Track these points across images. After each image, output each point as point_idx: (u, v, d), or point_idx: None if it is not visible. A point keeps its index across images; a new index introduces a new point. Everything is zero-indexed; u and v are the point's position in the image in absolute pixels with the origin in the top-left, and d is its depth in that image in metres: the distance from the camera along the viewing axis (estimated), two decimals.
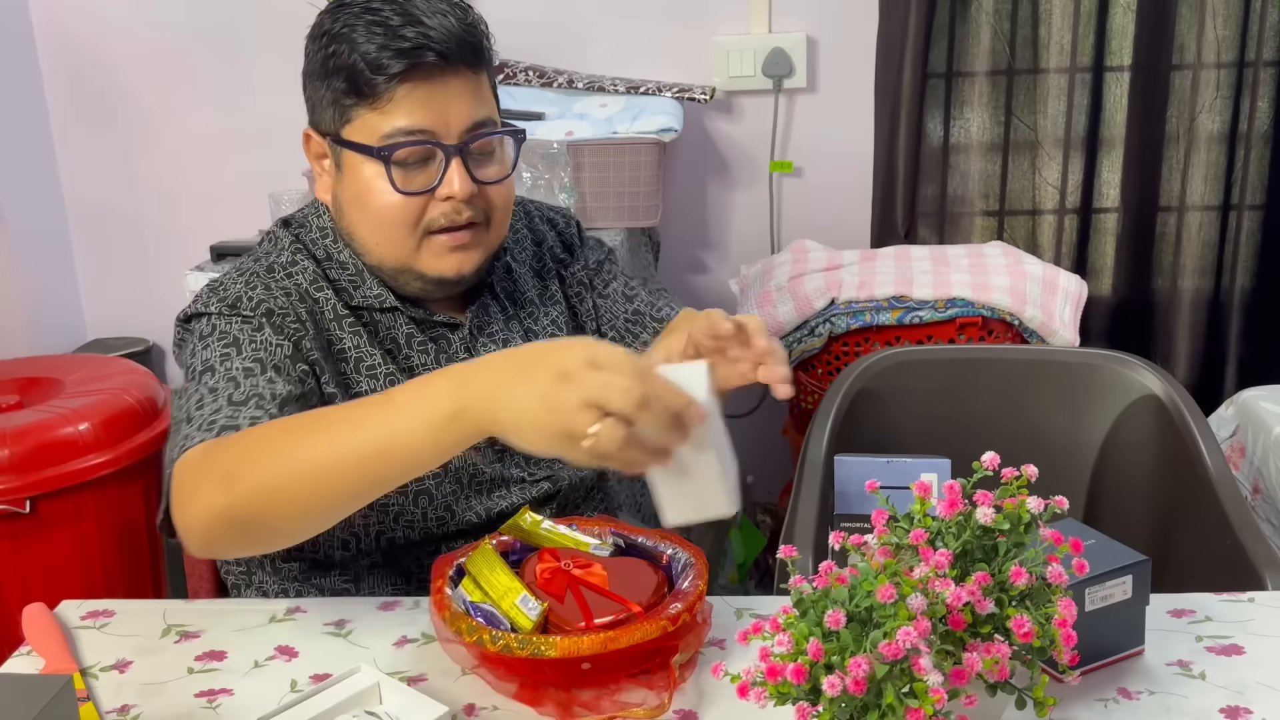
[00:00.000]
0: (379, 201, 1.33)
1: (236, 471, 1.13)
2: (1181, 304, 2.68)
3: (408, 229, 1.34)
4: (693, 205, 2.75)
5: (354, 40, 1.30)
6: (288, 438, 1.14)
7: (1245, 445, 2.18)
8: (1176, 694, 1.11)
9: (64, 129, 2.78)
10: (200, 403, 1.25)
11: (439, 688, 1.15)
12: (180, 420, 1.26)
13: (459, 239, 1.35)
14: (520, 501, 1.40)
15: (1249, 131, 2.60)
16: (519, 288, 1.50)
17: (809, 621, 0.93)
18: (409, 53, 1.28)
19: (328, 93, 1.34)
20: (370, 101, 1.31)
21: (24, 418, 2.18)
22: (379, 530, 1.37)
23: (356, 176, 1.35)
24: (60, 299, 2.83)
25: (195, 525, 1.15)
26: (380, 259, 1.38)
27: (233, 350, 1.30)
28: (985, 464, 1.01)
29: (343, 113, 1.33)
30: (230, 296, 1.35)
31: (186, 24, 2.70)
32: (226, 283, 1.37)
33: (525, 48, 2.62)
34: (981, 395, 1.87)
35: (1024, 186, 2.70)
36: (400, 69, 1.28)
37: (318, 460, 1.11)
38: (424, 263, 1.36)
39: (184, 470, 1.18)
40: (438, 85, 1.31)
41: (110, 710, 1.15)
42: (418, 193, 1.33)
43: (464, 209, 1.34)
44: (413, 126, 1.30)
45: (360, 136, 1.33)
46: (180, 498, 1.17)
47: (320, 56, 1.33)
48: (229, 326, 1.32)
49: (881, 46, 2.60)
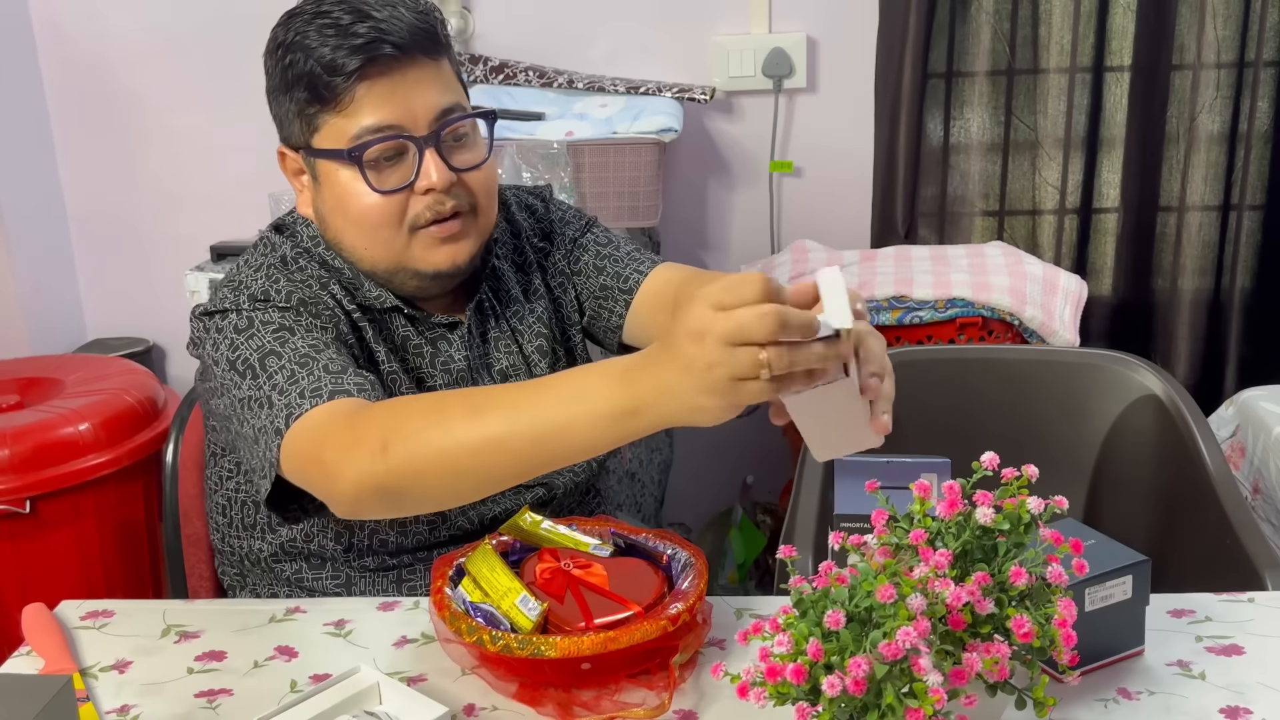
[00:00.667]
0: (359, 205, 1.32)
1: (389, 441, 1.11)
2: (1181, 304, 2.68)
3: (393, 228, 1.32)
4: (693, 205, 2.75)
5: (308, 46, 1.28)
6: (441, 416, 1.11)
7: (1245, 445, 2.18)
8: (1176, 694, 1.11)
9: (64, 130, 2.78)
10: (292, 378, 1.23)
11: (439, 688, 1.15)
12: (261, 400, 1.23)
13: (448, 229, 1.33)
14: (514, 507, 1.39)
15: (1249, 131, 2.60)
16: (503, 285, 1.47)
17: (809, 622, 0.93)
18: (363, 48, 1.27)
19: (291, 105, 1.32)
20: (333, 105, 1.29)
21: (24, 418, 2.18)
22: (372, 529, 1.37)
23: (334, 184, 1.33)
24: (60, 299, 2.83)
25: (345, 490, 1.14)
26: (373, 263, 1.36)
27: (286, 334, 1.28)
28: (985, 464, 1.01)
29: (309, 122, 1.32)
30: (257, 290, 1.33)
31: (186, 25, 2.70)
32: (244, 279, 1.35)
33: (525, 48, 2.62)
34: (981, 395, 1.87)
35: (1024, 186, 2.70)
36: (357, 65, 1.27)
37: (474, 441, 1.08)
38: (417, 259, 1.34)
39: (324, 434, 1.17)
40: (397, 77, 1.29)
41: (110, 710, 1.15)
42: (396, 190, 1.31)
43: (446, 199, 1.32)
44: (379, 123, 1.29)
45: (329, 143, 1.31)
46: (324, 463, 1.16)
47: (279, 70, 1.32)
48: (269, 316, 1.30)
49: (881, 46, 2.60)
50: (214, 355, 1.31)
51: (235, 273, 1.37)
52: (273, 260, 1.37)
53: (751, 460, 2.79)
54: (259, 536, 1.42)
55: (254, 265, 1.37)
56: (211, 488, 1.47)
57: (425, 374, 1.39)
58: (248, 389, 1.25)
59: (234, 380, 1.27)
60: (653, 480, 2.47)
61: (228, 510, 1.45)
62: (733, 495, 2.82)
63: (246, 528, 1.43)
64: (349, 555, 1.39)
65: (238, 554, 1.45)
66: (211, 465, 1.46)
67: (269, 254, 1.39)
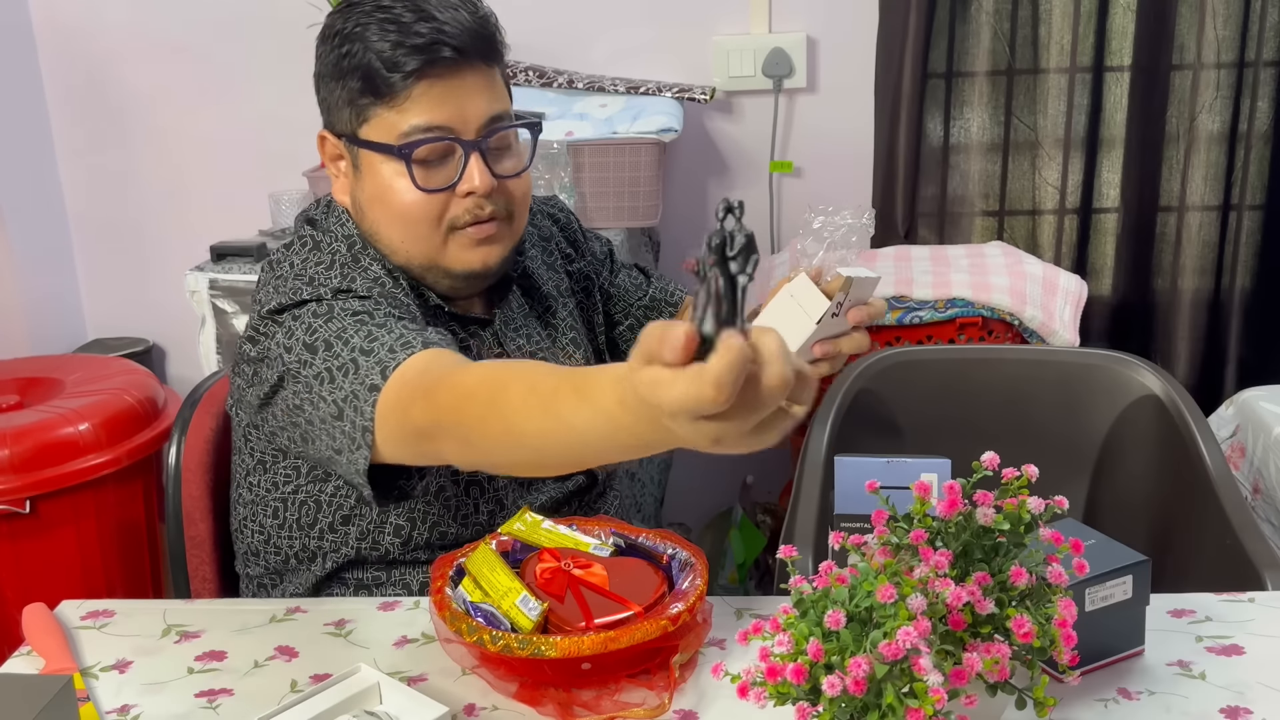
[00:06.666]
0: (400, 200, 1.33)
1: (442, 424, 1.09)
2: (1181, 304, 2.68)
3: (431, 225, 1.34)
4: (693, 205, 2.75)
5: (367, 39, 1.29)
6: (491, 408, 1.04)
7: (1245, 445, 2.18)
8: (1176, 694, 1.11)
9: (64, 129, 2.78)
10: (372, 338, 1.21)
11: (439, 688, 1.15)
12: (345, 365, 1.21)
13: (484, 231, 1.35)
14: (559, 495, 1.44)
15: (1249, 131, 2.59)
16: (534, 282, 1.51)
17: (809, 621, 0.93)
18: (424, 49, 1.28)
19: (343, 93, 1.33)
20: (387, 100, 1.30)
21: (24, 418, 2.18)
22: (434, 521, 1.38)
23: (376, 176, 1.34)
24: (60, 299, 2.83)
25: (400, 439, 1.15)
26: (408, 258, 1.36)
27: (366, 317, 1.26)
28: (985, 464, 1.01)
29: (359, 112, 1.32)
30: (332, 283, 1.32)
31: (187, 24, 2.70)
32: (310, 272, 1.33)
33: (525, 48, 2.62)
34: (981, 395, 1.87)
35: (1024, 186, 2.70)
36: (416, 65, 1.28)
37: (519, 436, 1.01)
38: (451, 258, 1.36)
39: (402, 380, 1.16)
40: (454, 81, 1.30)
41: (110, 710, 1.15)
42: (439, 190, 1.32)
43: (485, 204, 1.34)
44: (431, 123, 1.30)
45: (378, 135, 1.32)
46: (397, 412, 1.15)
47: (333, 57, 1.32)
48: (348, 305, 1.28)
49: (881, 46, 2.60)
50: (286, 343, 1.27)
51: (300, 268, 1.34)
52: (342, 250, 1.36)
53: (751, 460, 2.79)
54: (318, 537, 1.40)
55: (319, 259, 1.35)
56: (259, 495, 1.43)
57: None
58: (321, 362, 1.23)
59: (307, 359, 1.24)
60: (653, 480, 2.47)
61: (281, 512, 1.42)
62: (733, 495, 2.82)
63: (303, 527, 1.40)
64: (406, 550, 1.39)
65: (283, 553, 1.43)
66: (260, 473, 1.42)
67: (323, 245, 1.37)
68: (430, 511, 1.38)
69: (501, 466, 1.16)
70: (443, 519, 1.38)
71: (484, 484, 1.39)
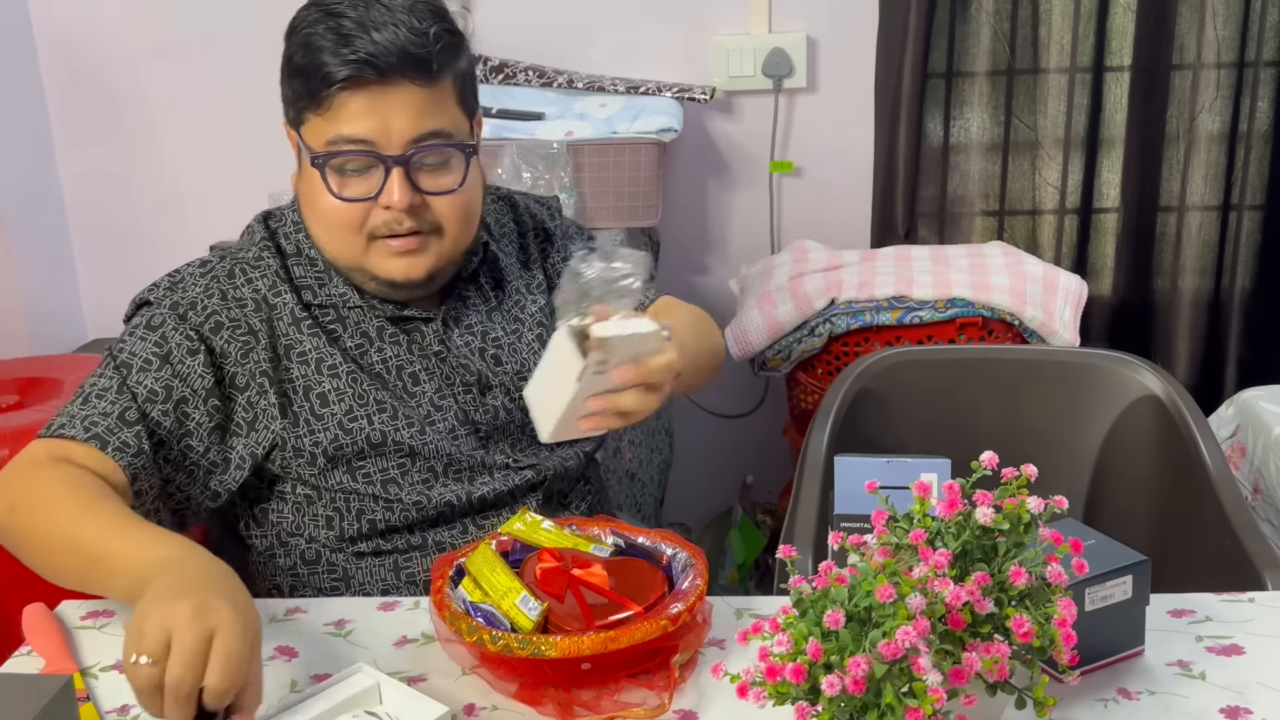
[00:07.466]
0: (324, 203, 1.36)
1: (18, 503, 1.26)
2: (1181, 304, 2.68)
3: (352, 231, 1.37)
4: (693, 205, 2.75)
5: (310, 43, 1.32)
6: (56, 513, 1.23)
7: (1245, 445, 2.18)
8: (1176, 694, 1.11)
9: (64, 129, 2.77)
10: (101, 393, 1.33)
11: (439, 688, 1.15)
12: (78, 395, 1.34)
13: (406, 244, 1.37)
14: (503, 488, 1.42)
15: (1249, 131, 2.59)
16: (505, 276, 1.51)
17: (808, 621, 0.93)
18: (353, 63, 1.30)
19: (289, 91, 1.37)
20: (316, 106, 1.33)
21: (24, 418, 2.18)
22: (359, 509, 1.39)
23: (309, 175, 1.38)
24: (60, 299, 2.83)
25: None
26: (334, 256, 1.41)
27: (156, 360, 1.35)
28: (985, 464, 1.01)
29: (298, 113, 1.37)
30: (185, 301, 1.39)
31: (186, 24, 2.69)
32: (188, 281, 1.41)
33: (525, 48, 2.62)
34: (981, 395, 1.87)
35: (1024, 186, 2.70)
36: (343, 76, 1.30)
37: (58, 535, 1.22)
38: (373, 264, 1.38)
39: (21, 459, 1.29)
40: (380, 96, 1.31)
41: (110, 710, 1.15)
42: (358, 199, 1.35)
43: (405, 219, 1.35)
44: (354, 135, 1.32)
45: (309, 138, 1.36)
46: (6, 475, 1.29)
47: (286, 53, 1.37)
48: (171, 334, 1.36)
49: (881, 46, 2.60)
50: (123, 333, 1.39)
51: (189, 267, 1.44)
52: (224, 270, 1.42)
53: (751, 460, 2.79)
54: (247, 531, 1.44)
55: (206, 268, 1.43)
56: None
57: (403, 361, 1.42)
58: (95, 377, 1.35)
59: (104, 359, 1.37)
60: (653, 480, 2.47)
61: None
62: (733, 495, 2.82)
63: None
64: (342, 543, 1.40)
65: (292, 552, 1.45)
66: None
67: (228, 257, 1.44)
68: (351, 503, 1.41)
69: None
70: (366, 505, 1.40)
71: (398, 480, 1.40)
